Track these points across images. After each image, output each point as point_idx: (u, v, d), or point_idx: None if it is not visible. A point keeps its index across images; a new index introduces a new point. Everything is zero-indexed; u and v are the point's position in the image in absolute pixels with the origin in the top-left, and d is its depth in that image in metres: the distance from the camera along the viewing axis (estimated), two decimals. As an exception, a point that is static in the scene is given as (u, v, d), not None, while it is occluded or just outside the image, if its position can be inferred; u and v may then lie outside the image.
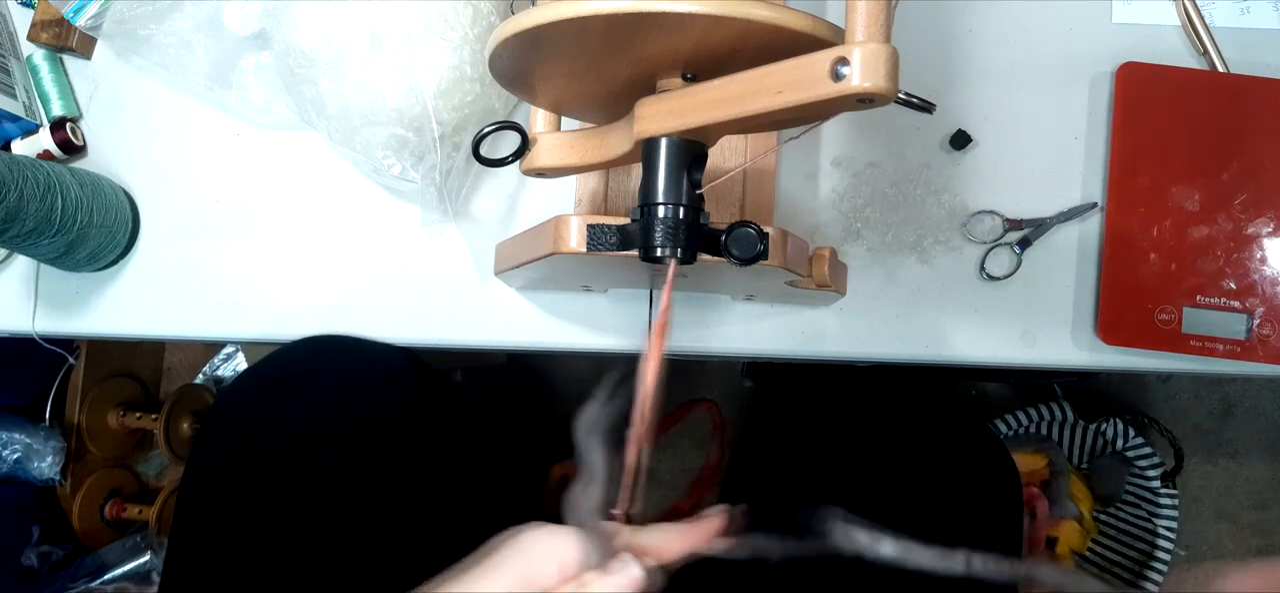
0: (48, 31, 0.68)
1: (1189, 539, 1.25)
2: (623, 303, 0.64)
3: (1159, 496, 1.12)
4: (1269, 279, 0.59)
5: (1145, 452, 1.12)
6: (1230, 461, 1.27)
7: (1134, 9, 0.64)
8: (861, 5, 0.37)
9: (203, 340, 0.69)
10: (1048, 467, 1.13)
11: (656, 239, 0.43)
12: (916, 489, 0.59)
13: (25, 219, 0.57)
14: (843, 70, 0.37)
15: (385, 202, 0.66)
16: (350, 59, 0.57)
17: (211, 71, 0.65)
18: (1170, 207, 0.60)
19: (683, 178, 0.43)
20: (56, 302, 0.68)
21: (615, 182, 0.62)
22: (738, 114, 0.40)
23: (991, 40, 0.64)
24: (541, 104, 0.51)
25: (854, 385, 0.67)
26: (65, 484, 1.16)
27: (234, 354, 1.35)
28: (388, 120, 0.58)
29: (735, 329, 0.63)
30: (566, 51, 0.42)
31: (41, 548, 1.14)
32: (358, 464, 0.59)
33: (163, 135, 0.68)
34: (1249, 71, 0.61)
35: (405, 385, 0.63)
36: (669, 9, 0.37)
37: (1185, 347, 0.59)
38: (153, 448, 1.31)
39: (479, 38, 0.58)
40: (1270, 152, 0.59)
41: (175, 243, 0.67)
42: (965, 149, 0.63)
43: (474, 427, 0.70)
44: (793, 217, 0.64)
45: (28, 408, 1.16)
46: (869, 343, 0.62)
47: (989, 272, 0.62)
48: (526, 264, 0.52)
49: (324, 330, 0.64)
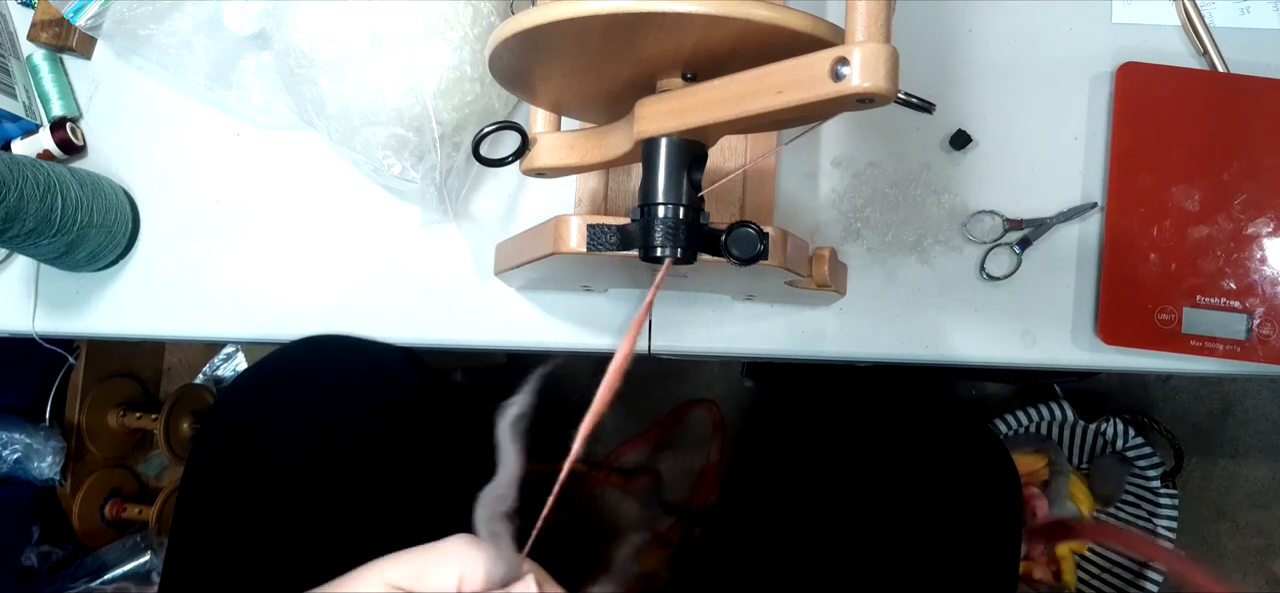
0: (48, 31, 0.68)
1: (1189, 539, 1.25)
2: (623, 303, 0.64)
3: (1159, 496, 1.12)
4: (1269, 279, 0.59)
5: (1145, 452, 1.12)
6: (1230, 461, 1.27)
7: (1134, 9, 0.64)
8: (861, 5, 0.37)
9: (203, 340, 0.69)
10: (1048, 467, 1.13)
11: (656, 239, 0.43)
12: (916, 489, 0.59)
13: (25, 219, 0.57)
14: (843, 70, 0.37)
15: (385, 202, 0.66)
16: (350, 59, 0.57)
17: (211, 71, 0.65)
18: (1170, 207, 0.60)
19: (683, 178, 0.43)
20: (56, 302, 0.68)
21: (615, 182, 0.62)
22: (738, 114, 0.40)
23: (991, 40, 0.64)
24: (541, 104, 0.51)
25: (854, 386, 0.67)
26: (65, 484, 1.16)
27: (234, 354, 1.35)
28: (388, 120, 0.58)
29: (735, 329, 0.63)
30: (566, 51, 0.42)
31: (41, 548, 1.14)
32: (358, 464, 0.59)
33: (163, 135, 0.68)
34: (1249, 71, 0.61)
35: (405, 385, 0.63)
36: (669, 9, 0.37)
37: (1185, 347, 0.59)
38: (153, 448, 1.31)
39: (479, 38, 0.58)
40: (1270, 151, 0.59)
41: (175, 243, 0.67)
42: (965, 149, 0.63)
43: (473, 426, 0.70)
44: (793, 217, 0.64)
45: (28, 408, 1.16)
46: (869, 343, 0.62)
47: (989, 272, 0.62)
48: (526, 264, 0.52)
49: (324, 330, 0.64)
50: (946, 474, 0.60)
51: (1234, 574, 1.25)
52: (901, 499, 0.59)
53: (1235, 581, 1.25)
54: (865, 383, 0.67)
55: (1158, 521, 1.11)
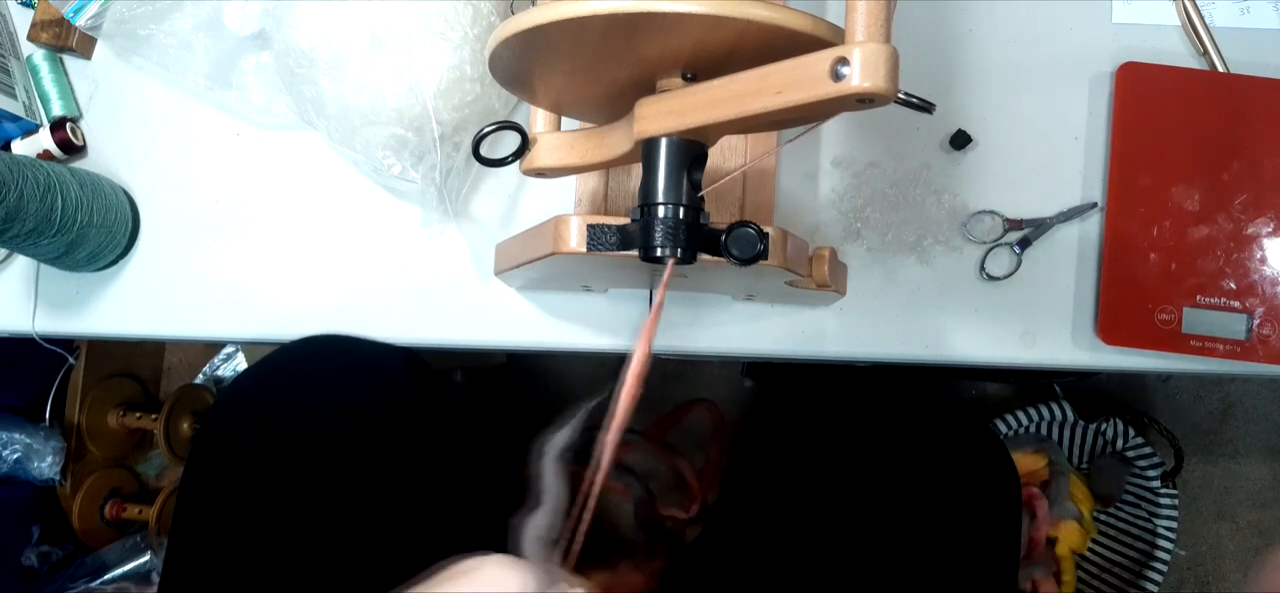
0: (48, 31, 0.68)
1: (1189, 539, 1.25)
2: (623, 303, 0.64)
3: (1159, 496, 1.12)
4: (1269, 279, 0.59)
5: (1145, 452, 1.12)
6: (1230, 461, 1.27)
7: (1134, 9, 0.64)
8: (861, 5, 0.37)
9: (203, 340, 0.69)
10: (1048, 467, 1.13)
11: (656, 239, 0.42)
12: (916, 489, 0.59)
13: (25, 219, 0.57)
14: (843, 70, 0.37)
15: (385, 202, 0.66)
16: (350, 59, 0.57)
17: (211, 71, 0.65)
18: (1170, 207, 0.60)
19: (683, 178, 0.43)
20: (56, 302, 0.68)
21: (615, 182, 0.62)
22: (738, 114, 0.40)
23: (991, 40, 0.64)
24: (541, 104, 0.51)
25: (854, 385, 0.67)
26: (65, 484, 1.16)
27: (234, 354, 1.35)
28: (388, 120, 0.58)
29: (735, 329, 0.63)
30: (566, 51, 0.42)
31: (41, 548, 1.14)
32: (357, 464, 0.59)
33: (163, 135, 0.68)
34: (1249, 71, 0.61)
35: (405, 385, 0.63)
36: (668, 9, 0.37)
37: (1185, 347, 0.59)
38: (153, 448, 1.31)
39: (479, 38, 0.58)
40: (1270, 151, 0.59)
41: (175, 243, 0.67)
42: (965, 149, 0.63)
43: (473, 426, 0.70)
44: (793, 217, 0.64)
45: (28, 408, 1.16)
46: (869, 343, 0.62)
47: (989, 272, 0.62)
48: (526, 264, 0.52)
49: (324, 330, 0.64)
50: (946, 474, 0.60)
51: (1234, 574, 1.25)
52: (901, 499, 0.59)
53: (1235, 580, 1.25)
54: (865, 383, 0.67)
55: (1158, 521, 1.11)
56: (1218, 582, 1.25)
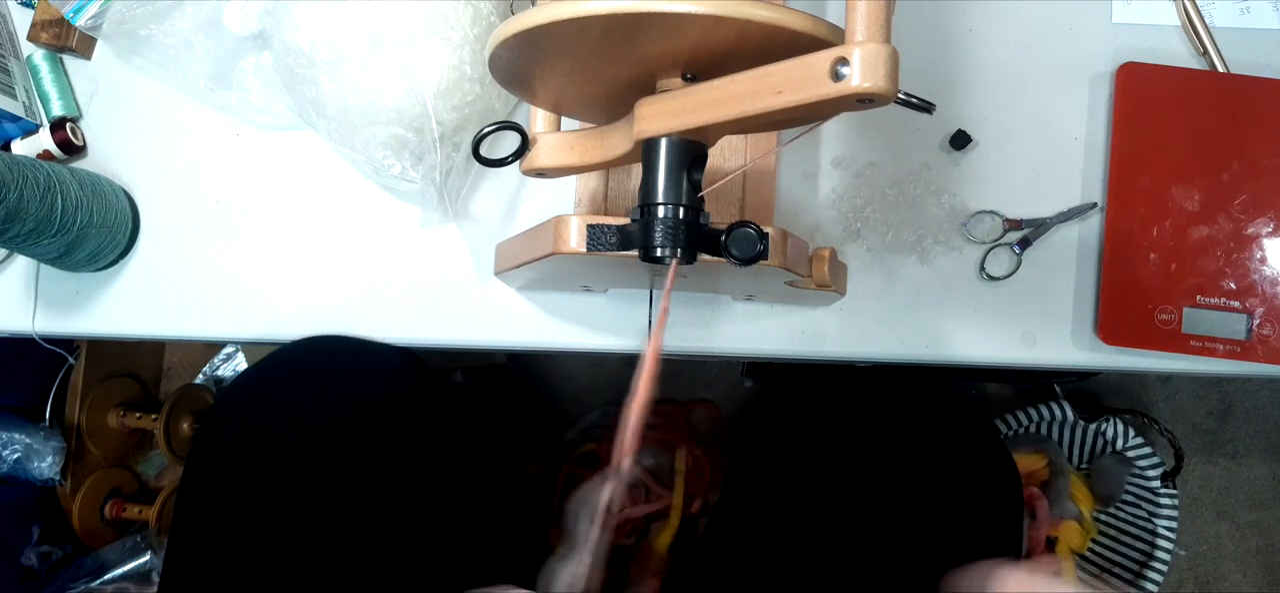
0: (48, 31, 0.68)
1: (1189, 539, 1.25)
2: (623, 303, 0.64)
3: (1159, 496, 1.12)
4: (1269, 279, 0.59)
5: (1145, 452, 1.12)
6: (1230, 461, 1.27)
7: (1134, 9, 0.64)
8: (861, 5, 0.37)
9: (203, 340, 0.69)
10: (1048, 467, 1.13)
11: (656, 239, 0.43)
12: (916, 489, 0.59)
13: (25, 219, 0.57)
14: (843, 70, 0.37)
15: (385, 202, 0.66)
16: (350, 59, 0.57)
17: (211, 71, 0.65)
18: (1170, 207, 0.60)
19: (683, 178, 0.43)
20: (56, 302, 0.68)
21: (615, 182, 0.62)
22: (738, 114, 0.40)
23: (991, 40, 0.64)
24: (541, 104, 0.51)
25: (854, 386, 0.67)
26: (65, 484, 1.16)
27: (234, 354, 1.35)
28: (388, 120, 0.58)
29: (735, 329, 0.63)
30: (566, 51, 0.42)
31: (41, 548, 1.14)
32: (357, 464, 0.59)
33: (163, 135, 0.68)
34: (1249, 71, 0.61)
35: (404, 386, 0.63)
36: (668, 9, 0.37)
37: (1185, 347, 0.59)
38: (153, 448, 1.31)
39: (479, 38, 0.58)
40: (1270, 151, 0.59)
41: (175, 243, 0.67)
42: (965, 149, 0.63)
43: (473, 427, 0.70)
44: (793, 217, 0.64)
45: (28, 408, 1.16)
46: (869, 343, 0.62)
47: (989, 272, 0.62)
48: (526, 264, 0.52)
49: (324, 330, 0.64)
50: (947, 474, 0.60)
51: (1234, 574, 1.26)
52: (902, 499, 0.59)
53: (1235, 581, 1.25)
54: (865, 383, 0.67)
55: (1158, 521, 1.11)
56: (1218, 582, 1.25)
